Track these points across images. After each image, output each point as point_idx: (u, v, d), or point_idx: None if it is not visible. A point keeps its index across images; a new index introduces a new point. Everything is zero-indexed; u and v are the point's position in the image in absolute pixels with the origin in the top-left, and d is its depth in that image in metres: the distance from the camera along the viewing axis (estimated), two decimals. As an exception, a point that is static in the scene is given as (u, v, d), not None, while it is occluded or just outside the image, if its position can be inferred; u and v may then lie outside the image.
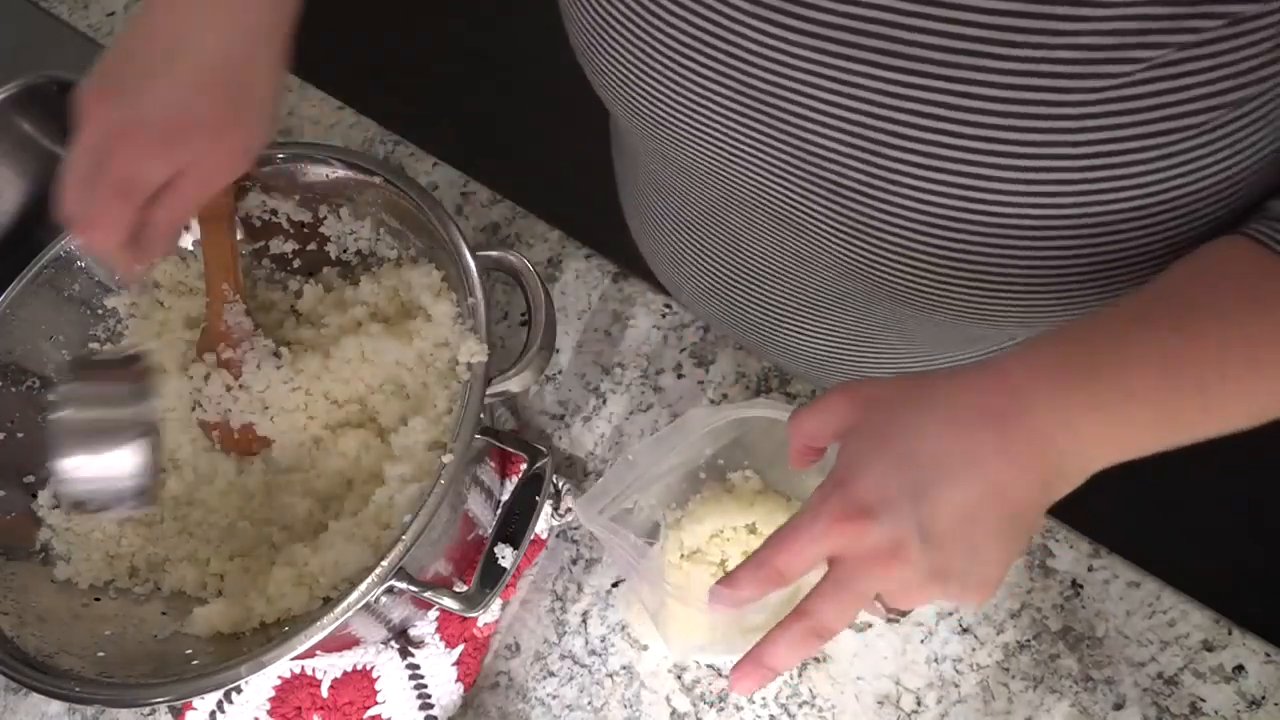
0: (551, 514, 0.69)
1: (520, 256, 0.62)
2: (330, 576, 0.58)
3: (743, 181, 0.57)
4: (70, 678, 0.54)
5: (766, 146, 0.54)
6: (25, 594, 0.60)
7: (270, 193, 0.67)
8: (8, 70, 0.92)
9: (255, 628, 0.59)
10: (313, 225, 0.69)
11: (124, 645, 0.59)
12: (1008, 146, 0.47)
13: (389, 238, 0.68)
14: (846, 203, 0.53)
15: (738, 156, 0.55)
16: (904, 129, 0.49)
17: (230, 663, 0.52)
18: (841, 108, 0.49)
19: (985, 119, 0.47)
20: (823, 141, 0.51)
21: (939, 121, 0.48)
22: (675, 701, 0.64)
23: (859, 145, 0.50)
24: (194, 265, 0.69)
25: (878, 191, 0.52)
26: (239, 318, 0.65)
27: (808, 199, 0.55)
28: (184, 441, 0.67)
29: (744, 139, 0.54)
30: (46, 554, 0.63)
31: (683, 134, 0.56)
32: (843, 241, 0.56)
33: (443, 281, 0.64)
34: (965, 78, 0.46)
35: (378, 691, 0.65)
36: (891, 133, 0.49)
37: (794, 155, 0.53)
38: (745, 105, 0.52)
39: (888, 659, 0.63)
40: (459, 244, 0.61)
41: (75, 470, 0.55)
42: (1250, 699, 0.59)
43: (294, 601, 0.59)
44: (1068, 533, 0.65)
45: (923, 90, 0.47)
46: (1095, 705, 0.60)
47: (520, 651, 0.67)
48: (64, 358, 0.67)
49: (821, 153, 0.52)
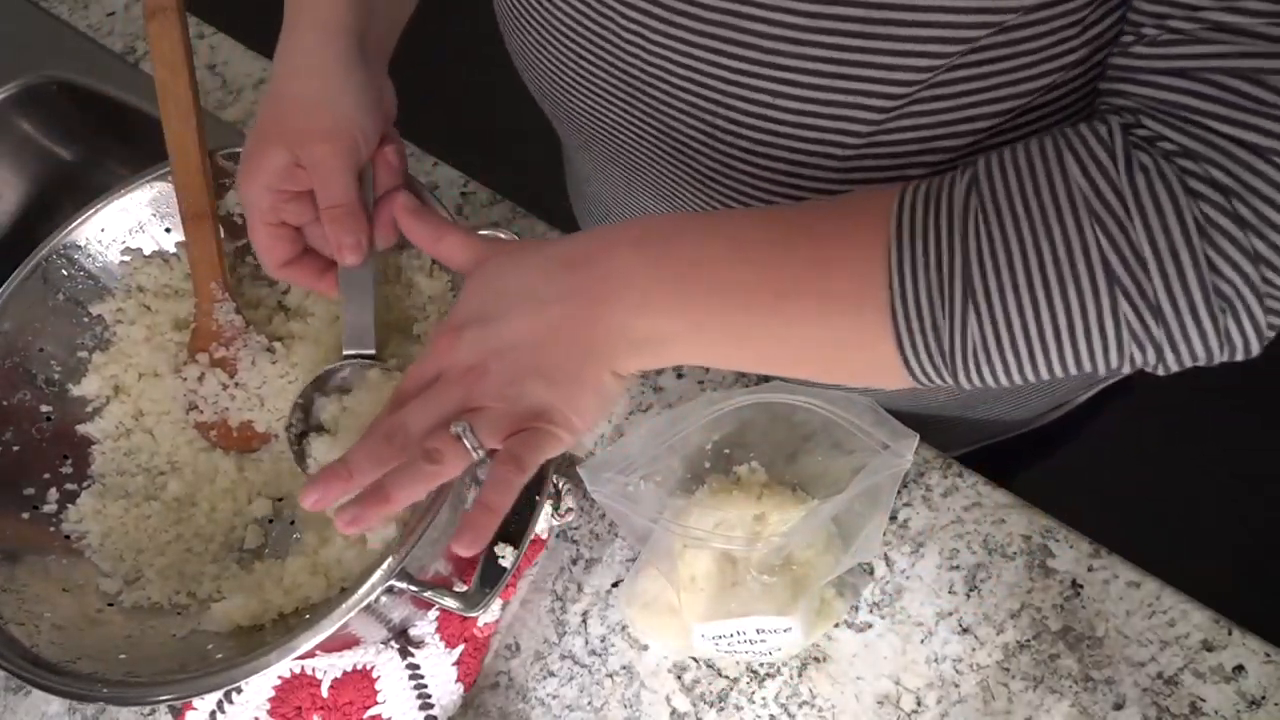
0: (551, 514, 0.69)
1: (512, 235, 0.62)
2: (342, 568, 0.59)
3: (628, 155, 0.63)
4: (95, 680, 0.54)
5: (640, 124, 0.59)
6: (39, 604, 0.59)
7: None
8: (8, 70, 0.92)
9: (275, 619, 0.59)
10: None
11: (144, 646, 0.59)
12: (827, 135, 0.52)
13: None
14: (705, 186, 0.60)
15: (618, 131, 0.61)
16: (739, 115, 0.54)
17: (256, 653, 0.52)
18: (691, 93, 0.54)
19: (805, 106, 0.51)
20: (681, 123, 0.57)
21: (767, 109, 0.52)
22: (675, 701, 0.64)
23: (707, 128, 0.56)
24: (179, 267, 0.69)
25: (722, 175, 0.58)
26: (229, 316, 0.65)
27: (681, 179, 0.61)
28: (181, 443, 0.67)
29: (620, 116, 0.60)
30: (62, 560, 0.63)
31: (576, 112, 0.63)
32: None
33: (433, 262, 0.64)
34: (787, 65, 0.50)
35: (378, 691, 0.65)
36: (729, 119, 0.54)
37: (662, 134, 0.58)
38: (618, 85, 0.57)
39: (888, 659, 0.63)
40: None
41: None
42: (1250, 699, 0.59)
43: (312, 590, 0.59)
44: (1068, 533, 0.65)
45: (752, 77, 0.51)
46: (1095, 705, 0.60)
47: (520, 651, 0.67)
48: (54, 368, 0.67)
49: (683, 134, 0.57)
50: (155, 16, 0.62)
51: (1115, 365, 0.44)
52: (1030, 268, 0.43)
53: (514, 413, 0.49)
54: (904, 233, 0.45)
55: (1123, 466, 1.42)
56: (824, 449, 0.65)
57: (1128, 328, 0.43)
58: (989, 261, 0.44)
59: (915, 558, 0.65)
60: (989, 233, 0.44)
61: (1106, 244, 0.42)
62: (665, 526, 0.60)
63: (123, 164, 0.97)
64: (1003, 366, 0.45)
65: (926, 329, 0.45)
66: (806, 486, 0.66)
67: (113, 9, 0.99)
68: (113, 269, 0.69)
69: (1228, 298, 0.42)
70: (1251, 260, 0.41)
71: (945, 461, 0.67)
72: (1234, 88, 0.40)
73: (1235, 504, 1.47)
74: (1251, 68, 0.40)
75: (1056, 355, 0.44)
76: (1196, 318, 0.42)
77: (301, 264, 0.61)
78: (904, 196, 0.46)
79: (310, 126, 0.56)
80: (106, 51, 0.95)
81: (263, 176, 0.57)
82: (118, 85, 0.91)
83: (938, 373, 0.46)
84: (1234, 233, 0.41)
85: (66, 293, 0.68)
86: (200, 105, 0.64)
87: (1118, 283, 0.42)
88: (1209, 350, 0.43)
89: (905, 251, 0.45)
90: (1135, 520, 1.09)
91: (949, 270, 0.44)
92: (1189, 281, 0.41)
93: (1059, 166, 0.44)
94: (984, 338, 0.44)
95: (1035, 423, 0.81)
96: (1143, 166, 0.42)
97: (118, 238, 0.69)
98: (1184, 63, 0.42)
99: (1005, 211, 0.44)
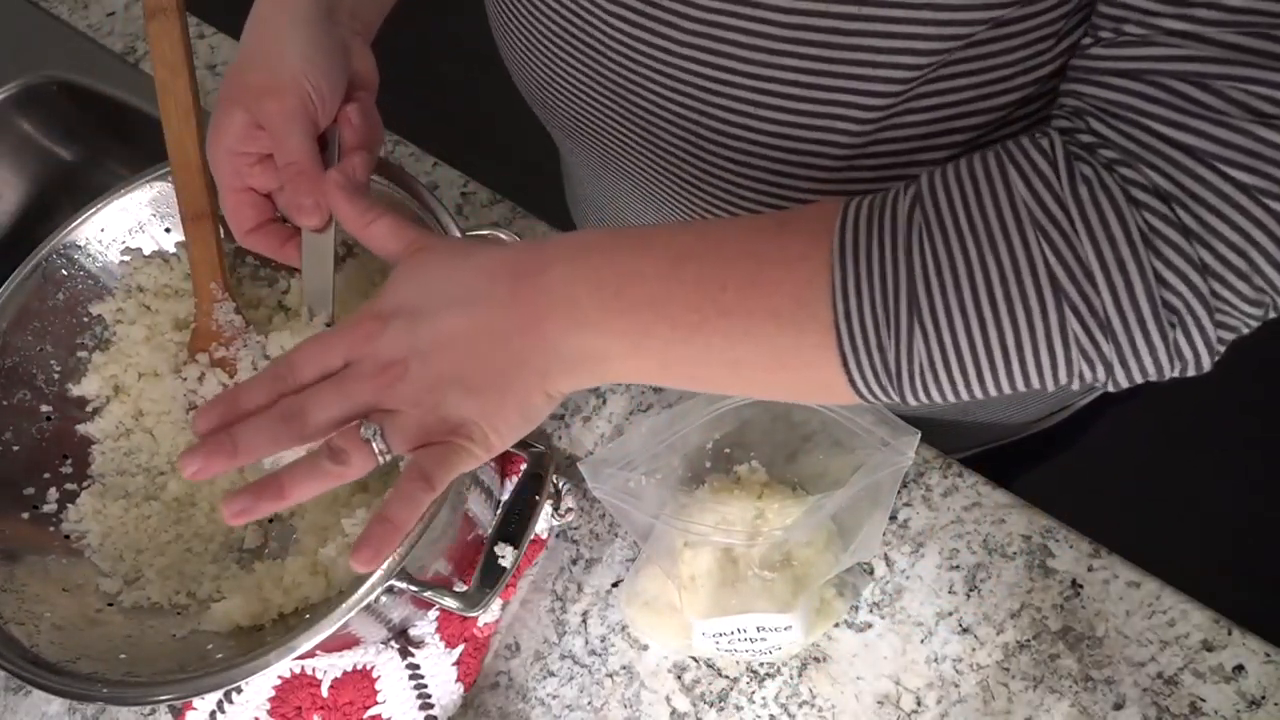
0: (551, 514, 0.69)
1: (512, 235, 0.62)
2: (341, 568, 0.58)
3: (615, 159, 0.63)
4: (95, 680, 0.54)
5: (625, 129, 0.59)
6: (39, 604, 0.59)
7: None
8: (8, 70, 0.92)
9: (274, 619, 0.59)
10: None
11: (143, 646, 0.59)
12: (807, 145, 0.52)
13: None
14: (689, 191, 0.60)
15: (604, 135, 0.61)
16: (720, 123, 0.54)
17: (256, 653, 0.52)
18: (673, 100, 0.54)
19: (784, 116, 0.51)
20: (665, 130, 0.57)
21: (747, 119, 0.52)
22: (675, 701, 0.64)
23: (691, 135, 0.56)
24: (178, 267, 0.69)
25: (705, 180, 0.58)
26: (229, 316, 0.65)
27: (667, 184, 0.61)
28: (181, 443, 0.67)
29: (606, 121, 0.60)
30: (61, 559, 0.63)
31: (563, 116, 0.62)
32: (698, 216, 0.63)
33: None
34: (765, 75, 0.50)
35: (378, 691, 0.65)
36: (711, 127, 0.54)
37: (646, 140, 0.59)
38: (603, 90, 0.57)
39: (888, 659, 0.63)
40: (445, 222, 0.61)
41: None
42: (1250, 699, 0.59)
43: (312, 590, 0.59)
44: (1068, 533, 0.65)
45: (732, 86, 0.51)
46: (1095, 705, 0.60)
47: (520, 651, 0.67)
48: (54, 368, 0.67)
49: (667, 140, 0.57)
50: (155, 16, 0.62)
51: (1065, 382, 0.43)
52: (977, 284, 0.42)
53: (428, 422, 0.47)
54: (847, 250, 0.44)
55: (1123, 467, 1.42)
56: (824, 448, 0.65)
57: (1076, 344, 0.42)
58: (934, 279, 0.42)
59: (915, 558, 0.65)
60: (934, 249, 0.43)
61: (1053, 257, 0.41)
62: (667, 523, 0.60)
63: (123, 164, 0.97)
64: (950, 385, 0.44)
65: (872, 348, 0.44)
66: (807, 486, 0.66)
67: (113, 9, 0.99)
68: (113, 269, 0.69)
69: (1176, 310, 0.41)
70: (1199, 271, 0.40)
71: (945, 461, 0.67)
72: (1180, 91, 0.40)
73: (1235, 504, 1.47)
74: (1198, 72, 0.39)
75: (1005, 373, 0.43)
76: (1145, 331, 0.41)
77: (267, 230, 0.60)
78: (846, 213, 0.45)
79: (258, 82, 0.55)
80: (106, 51, 0.95)
81: (224, 139, 0.56)
82: (118, 85, 0.91)
83: (884, 391, 0.45)
84: (1179, 242, 0.40)
85: (66, 293, 0.68)
86: (200, 105, 0.64)
87: (1066, 298, 0.41)
88: (1159, 365, 0.42)
89: (849, 269, 0.44)
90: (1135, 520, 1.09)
91: (894, 288, 0.43)
92: (1137, 294, 0.41)
93: (1002, 180, 0.43)
94: (931, 356, 0.43)
95: (1036, 426, 0.81)
96: (1085, 178, 0.41)
97: (118, 238, 0.69)
98: (1134, 64, 0.41)
99: (950, 227, 0.43)
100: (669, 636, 0.64)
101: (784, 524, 0.61)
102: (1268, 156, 0.38)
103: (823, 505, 0.59)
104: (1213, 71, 0.39)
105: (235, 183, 0.58)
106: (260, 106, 0.55)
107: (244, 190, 0.59)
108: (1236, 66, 0.38)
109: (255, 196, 0.59)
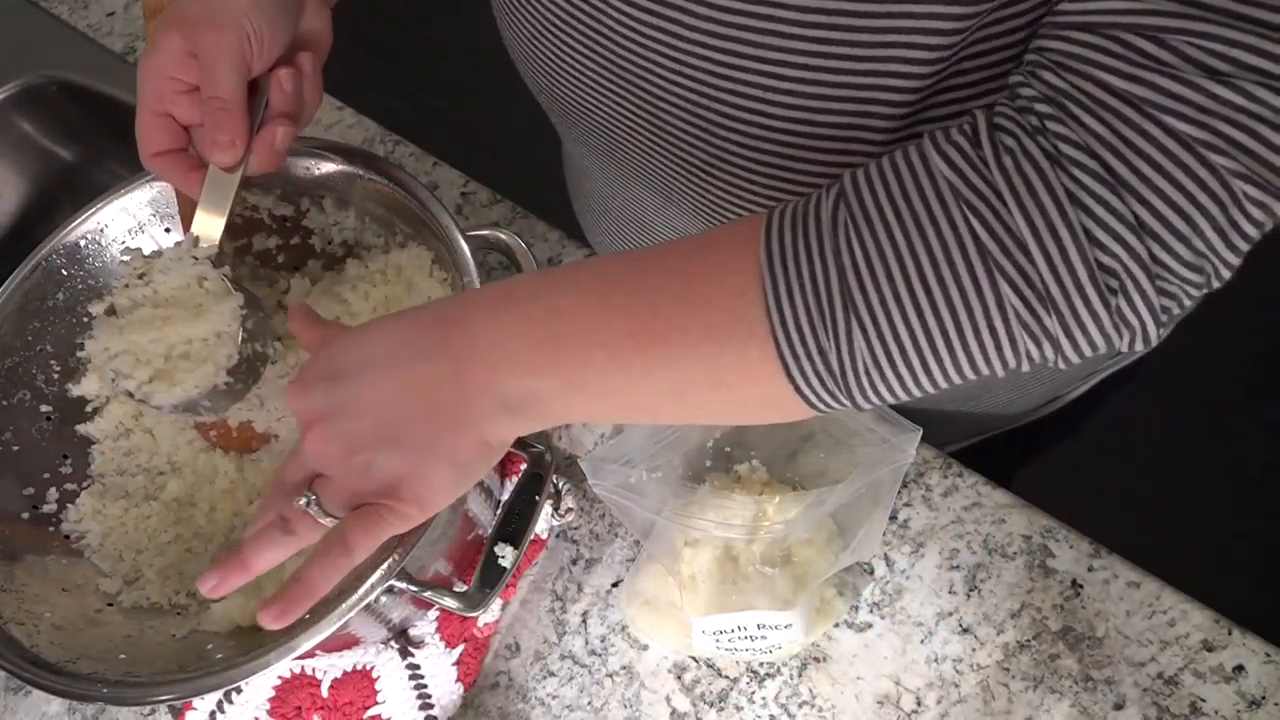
0: (551, 514, 0.69)
1: (512, 235, 0.62)
2: None
3: (623, 149, 0.63)
4: (95, 680, 0.54)
5: (633, 117, 0.59)
6: (39, 604, 0.59)
7: (250, 189, 0.67)
8: (8, 70, 0.92)
9: None
10: (295, 219, 0.69)
11: (143, 647, 0.59)
12: (814, 129, 0.52)
13: (375, 226, 0.67)
14: (699, 180, 0.60)
15: (612, 124, 0.61)
16: (730, 109, 0.53)
17: (256, 653, 0.52)
18: (682, 86, 0.54)
19: (795, 100, 0.51)
20: (674, 116, 0.56)
21: (758, 103, 0.52)
22: (675, 701, 0.64)
23: (700, 122, 0.55)
24: None
25: (715, 168, 0.58)
26: None
27: (675, 173, 0.61)
28: (181, 443, 0.67)
29: (614, 109, 0.59)
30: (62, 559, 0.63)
31: (570, 106, 0.62)
32: (705, 218, 0.64)
33: (433, 262, 0.64)
34: (776, 59, 0.49)
35: (378, 691, 0.65)
36: (721, 113, 0.54)
37: (655, 128, 0.58)
38: (610, 78, 0.57)
39: (888, 659, 0.63)
40: (447, 225, 0.61)
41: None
42: (1250, 699, 0.59)
43: None
44: (1068, 533, 0.65)
45: (741, 71, 0.51)
46: (1095, 705, 0.60)
47: (520, 651, 0.67)
48: (54, 368, 0.67)
49: (676, 127, 0.57)
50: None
51: (1012, 363, 0.42)
52: (909, 271, 0.41)
53: (358, 486, 0.47)
54: (775, 258, 0.43)
55: (1123, 465, 1.42)
56: (825, 446, 0.65)
57: (1018, 318, 0.41)
58: (866, 273, 0.42)
59: (915, 558, 0.65)
60: (862, 244, 0.42)
61: (983, 231, 0.40)
62: (668, 519, 0.60)
63: (123, 164, 0.97)
64: (898, 381, 0.43)
65: (812, 353, 0.43)
66: (807, 484, 0.66)
67: (113, 9, 0.99)
68: (113, 269, 0.69)
69: (1114, 272, 0.40)
70: (1134, 231, 0.39)
71: (945, 461, 0.67)
72: (1134, 45, 0.39)
73: (1235, 504, 1.47)
74: (1155, 25, 0.38)
75: (950, 359, 0.42)
76: (1085, 298, 0.40)
77: (174, 158, 0.59)
78: (771, 221, 0.45)
79: (199, 13, 0.55)
80: (106, 51, 0.95)
81: (156, 58, 0.56)
82: (118, 85, 0.91)
83: (833, 396, 0.44)
84: (1106, 197, 0.39)
85: (66, 293, 0.68)
86: None
87: (1001, 271, 0.40)
88: (1105, 334, 0.41)
89: (779, 277, 0.43)
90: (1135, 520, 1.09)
91: (826, 288, 0.42)
92: (1071, 258, 0.40)
93: (923, 165, 0.42)
94: (873, 353, 0.42)
95: (1034, 414, 0.81)
96: (1008, 148, 0.41)
97: (118, 238, 0.69)
98: (1093, 18, 0.40)
99: (876, 219, 0.42)
100: (669, 636, 0.64)
101: (787, 517, 0.61)
102: (1216, 112, 0.38)
103: (823, 500, 0.59)
104: (1169, 25, 0.38)
105: (156, 105, 0.57)
106: (197, 36, 0.55)
107: (163, 114, 0.58)
108: (1193, 21, 0.38)
109: (172, 123, 0.58)
